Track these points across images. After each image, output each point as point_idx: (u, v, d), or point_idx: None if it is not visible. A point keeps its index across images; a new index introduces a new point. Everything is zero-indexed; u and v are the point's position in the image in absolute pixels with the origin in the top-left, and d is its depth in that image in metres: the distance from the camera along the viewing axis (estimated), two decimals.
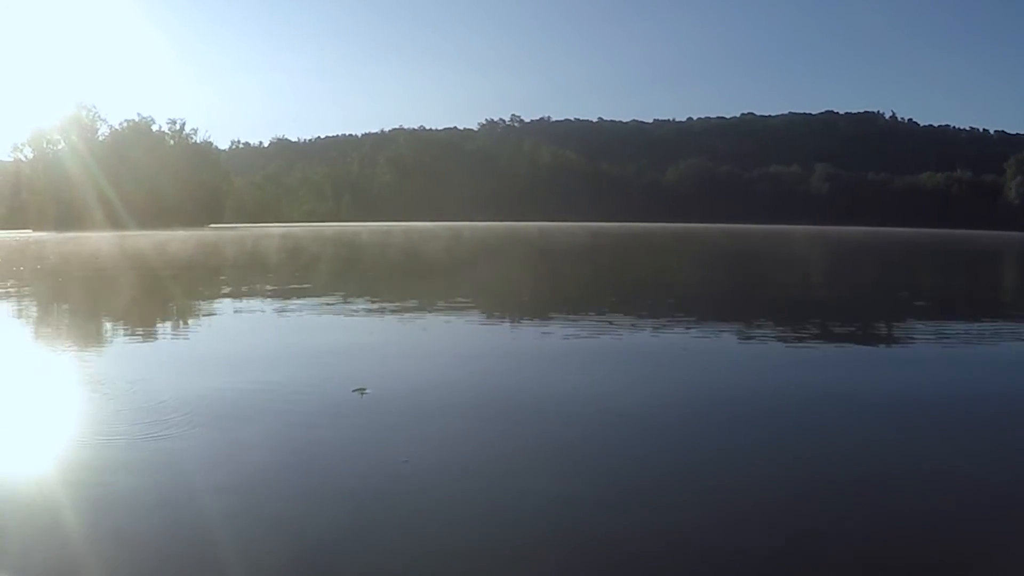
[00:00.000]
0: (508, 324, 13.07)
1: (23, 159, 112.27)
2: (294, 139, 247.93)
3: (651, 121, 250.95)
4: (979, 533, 4.18)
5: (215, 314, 14.13)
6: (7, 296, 17.32)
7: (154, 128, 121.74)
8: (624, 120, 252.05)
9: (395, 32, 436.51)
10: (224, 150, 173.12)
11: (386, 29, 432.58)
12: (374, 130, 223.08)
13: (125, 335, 11.62)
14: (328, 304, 14.97)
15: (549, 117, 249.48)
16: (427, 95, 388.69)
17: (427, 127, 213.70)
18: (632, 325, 12.34)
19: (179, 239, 56.88)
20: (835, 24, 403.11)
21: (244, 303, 15.85)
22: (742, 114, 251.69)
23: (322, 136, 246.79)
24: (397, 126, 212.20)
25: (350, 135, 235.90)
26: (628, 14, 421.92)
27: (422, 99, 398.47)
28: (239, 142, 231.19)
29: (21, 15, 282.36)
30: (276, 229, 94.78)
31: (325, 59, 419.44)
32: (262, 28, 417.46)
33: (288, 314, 13.87)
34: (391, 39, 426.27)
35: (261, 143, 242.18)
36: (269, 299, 16.50)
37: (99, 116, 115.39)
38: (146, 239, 55.23)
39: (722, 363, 9.25)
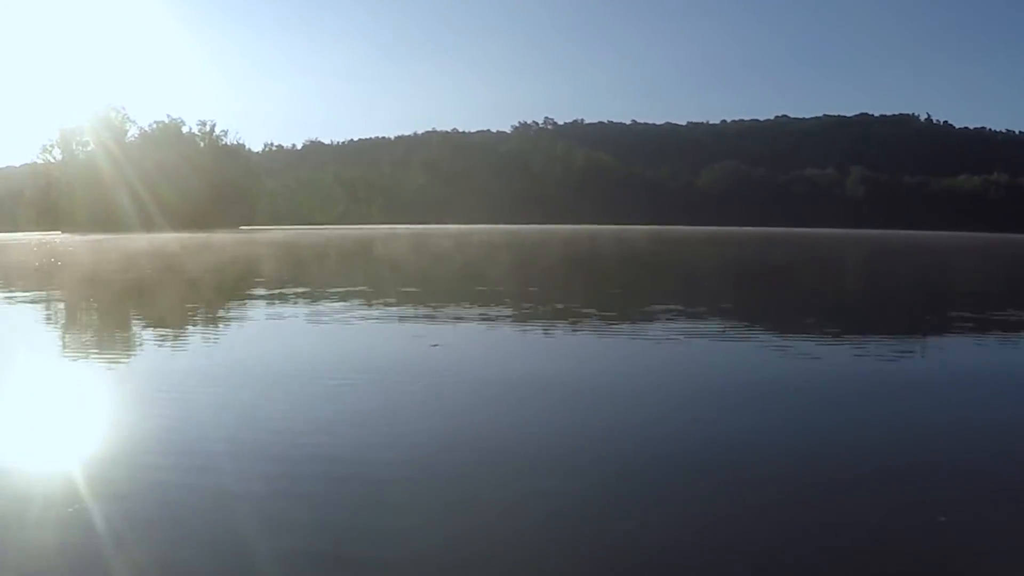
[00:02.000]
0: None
1: (52, 160, 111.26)
2: (327, 141, 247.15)
3: (685, 123, 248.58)
4: None
5: None
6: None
7: (184, 130, 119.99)
8: (658, 123, 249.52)
9: (427, 36, 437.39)
10: (257, 152, 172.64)
11: (417, 33, 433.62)
12: (407, 133, 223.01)
13: None
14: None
15: (582, 120, 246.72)
16: (460, 98, 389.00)
17: (460, 130, 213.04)
18: None
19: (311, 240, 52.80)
20: (869, 26, 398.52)
21: None
22: (776, 116, 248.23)
23: (355, 139, 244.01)
24: (430, 129, 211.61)
25: (383, 138, 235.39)
26: (660, 17, 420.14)
27: (455, 102, 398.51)
28: (272, 144, 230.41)
29: (49, 17, 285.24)
30: (356, 231, 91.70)
31: (357, 62, 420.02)
32: (293, 32, 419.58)
33: None
34: (423, 43, 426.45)
35: (294, 145, 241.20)
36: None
37: (128, 117, 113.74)
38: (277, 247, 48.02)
39: None
